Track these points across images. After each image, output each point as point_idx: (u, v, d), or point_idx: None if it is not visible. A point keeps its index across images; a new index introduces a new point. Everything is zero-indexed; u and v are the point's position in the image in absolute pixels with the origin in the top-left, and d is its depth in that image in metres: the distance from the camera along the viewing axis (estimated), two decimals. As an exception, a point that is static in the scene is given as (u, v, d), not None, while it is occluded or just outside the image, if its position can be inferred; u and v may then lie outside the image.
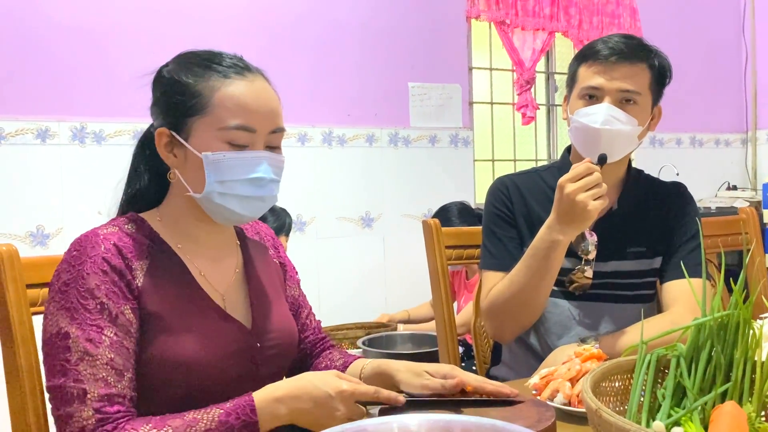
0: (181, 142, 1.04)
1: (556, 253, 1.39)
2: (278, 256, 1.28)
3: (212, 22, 2.92)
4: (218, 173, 1.03)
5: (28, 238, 2.58)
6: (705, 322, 0.83)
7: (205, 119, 1.03)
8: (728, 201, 4.18)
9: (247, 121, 1.03)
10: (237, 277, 1.15)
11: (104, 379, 0.94)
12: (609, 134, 1.42)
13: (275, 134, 1.08)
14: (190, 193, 1.06)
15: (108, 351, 0.95)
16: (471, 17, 3.60)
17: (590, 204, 1.32)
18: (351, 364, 1.22)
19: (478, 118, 3.75)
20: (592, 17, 3.96)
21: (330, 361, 1.26)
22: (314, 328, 1.31)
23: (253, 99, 1.04)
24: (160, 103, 1.08)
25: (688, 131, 4.39)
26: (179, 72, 1.06)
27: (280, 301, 1.21)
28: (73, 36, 2.66)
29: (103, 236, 1.02)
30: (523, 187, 1.59)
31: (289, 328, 1.19)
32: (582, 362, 1.07)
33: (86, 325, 0.95)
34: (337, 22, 3.24)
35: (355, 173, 3.30)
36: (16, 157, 2.57)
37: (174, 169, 1.07)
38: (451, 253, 1.74)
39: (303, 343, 1.28)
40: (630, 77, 1.44)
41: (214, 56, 1.08)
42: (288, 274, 1.28)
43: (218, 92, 1.03)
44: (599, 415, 0.72)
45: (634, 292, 1.55)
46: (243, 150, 1.04)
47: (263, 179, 1.05)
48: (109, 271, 0.99)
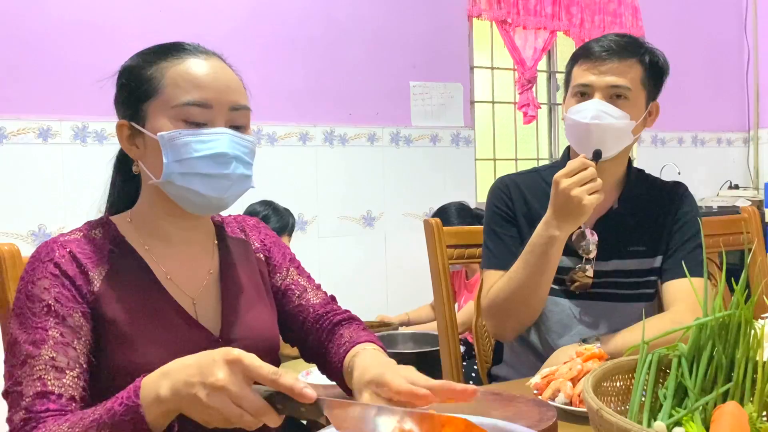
0: (139, 129, 1.01)
1: (554, 249, 1.39)
2: (264, 249, 1.20)
3: (214, 21, 2.92)
4: (175, 152, 0.98)
5: (30, 237, 2.59)
6: (706, 322, 0.83)
7: (158, 100, 1.00)
8: (730, 200, 4.18)
9: (200, 96, 0.99)
10: (211, 279, 1.09)
11: (40, 378, 0.91)
12: (599, 129, 1.43)
13: (237, 112, 1.02)
14: (152, 180, 1.01)
15: (50, 350, 0.92)
16: (472, 16, 3.60)
17: (585, 199, 1.32)
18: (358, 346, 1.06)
19: (480, 117, 3.75)
20: (593, 16, 3.96)
21: (337, 347, 1.10)
22: (312, 305, 1.17)
23: (205, 74, 1.01)
24: (117, 96, 1.06)
25: (689, 130, 4.38)
26: (133, 62, 1.05)
27: (259, 305, 1.13)
28: (75, 35, 2.66)
29: (61, 243, 1.01)
30: (524, 187, 1.60)
31: (265, 335, 1.11)
32: (583, 362, 1.07)
33: (31, 329, 0.93)
34: (338, 21, 3.24)
35: (357, 172, 3.30)
36: (18, 156, 2.58)
37: (137, 160, 1.04)
38: (452, 252, 1.74)
39: (304, 326, 1.16)
40: (619, 72, 1.44)
41: (173, 45, 1.05)
42: (274, 262, 1.20)
43: (169, 71, 1.01)
44: (600, 415, 0.72)
45: (635, 291, 1.55)
46: (200, 127, 0.99)
47: (225, 155, 0.99)
48: (59, 275, 0.97)
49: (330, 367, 1.12)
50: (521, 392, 1.05)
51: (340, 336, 1.12)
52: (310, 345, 1.16)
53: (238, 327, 1.07)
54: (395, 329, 2.76)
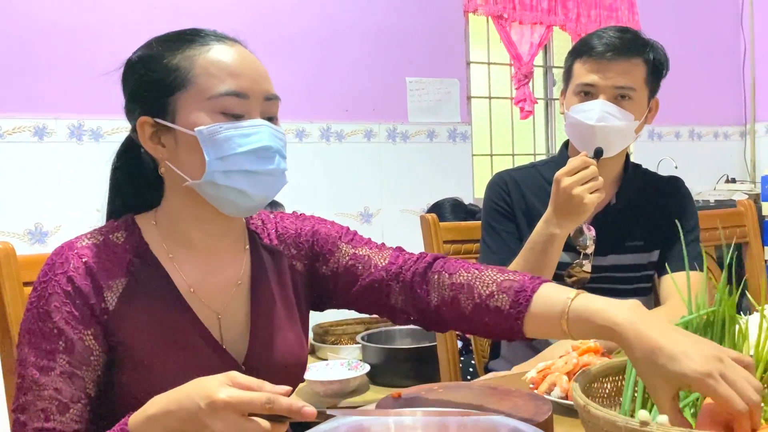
0: (168, 126, 0.92)
1: (554, 247, 1.39)
2: (301, 253, 1.08)
3: (209, 18, 2.91)
4: (217, 149, 0.90)
5: (27, 236, 2.58)
6: (692, 319, 0.84)
7: (190, 92, 0.91)
8: (727, 194, 4.18)
9: (237, 86, 0.91)
10: (239, 291, 1.01)
11: (44, 411, 0.88)
12: (604, 131, 1.42)
13: (270, 102, 0.95)
14: (188, 182, 0.93)
15: (56, 380, 0.88)
16: (468, 11, 3.59)
17: (587, 197, 1.32)
18: (544, 287, 0.94)
19: (476, 113, 3.75)
20: (590, 10, 3.95)
21: (475, 272, 0.99)
22: (384, 268, 1.04)
23: (238, 62, 0.93)
24: (134, 91, 0.95)
25: (686, 124, 4.38)
26: (150, 52, 0.95)
27: (289, 324, 1.05)
28: (70, 33, 2.66)
29: (77, 251, 0.93)
30: (522, 182, 1.60)
31: (293, 359, 1.03)
32: (579, 355, 1.07)
33: (39, 351, 0.89)
34: (334, 17, 3.23)
35: (354, 169, 3.30)
36: (14, 154, 2.57)
37: (165, 161, 0.94)
38: (449, 248, 1.74)
39: (385, 292, 1.04)
40: (625, 73, 1.44)
41: (187, 30, 0.96)
42: (324, 250, 1.07)
43: (198, 59, 0.92)
44: (587, 410, 0.73)
45: (632, 285, 1.56)
46: (239, 120, 0.91)
47: (270, 148, 0.92)
48: (72, 292, 0.91)
49: (446, 313, 1.00)
50: (517, 386, 1.05)
51: (448, 277, 1.01)
52: (401, 306, 1.04)
53: (265, 353, 1.00)
54: (393, 325, 2.76)
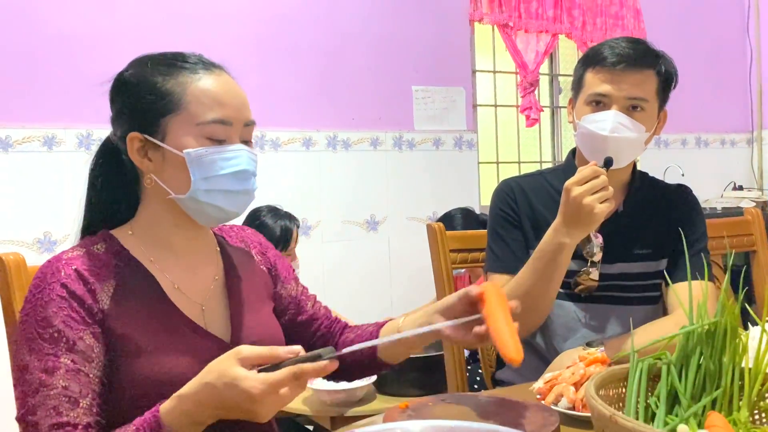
0: (157, 143, 1.02)
1: (562, 256, 1.39)
2: (266, 261, 1.25)
3: (216, 28, 2.93)
4: (202, 170, 1.02)
5: (36, 245, 2.60)
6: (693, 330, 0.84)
7: (181, 116, 1.02)
8: (734, 201, 4.17)
9: (223, 114, 1.03)
10: (216, 286, 1.12)
11: (55, 408, 0.92)
12: (617, 141, 1.42)
13: (248, 127, 1.07)
14: (171, 195, 1.04)
15: (62, 379, 0.93)
16: (474, 20, 3.61)
17: (597, 207, 1.32)
18: (386, 324, 1.21)
19: (482, 121, 3.75)
20: (595, 18, 3.96)
21: (359, 329, 1.26)
22: (324, 315, 1.29)
23: (225, 92, 1.04)
24: (126, 108, 1.06)
25: (693, 131, 4.38)
26: (144, 73, 1.05)
27: (264, 310, 1.18)
28: (79, 44, 2.68)
29: (66, 261, 1.01)
30: (528, 190, 1.60)
31: (272, 338, 1.15)
32: (586, 366, 1.07)
33: (42, 355, 0.94)
34: (340, 26, 3.25)
35: (360, 177, 3.30)
36: (23, 164, 2.59)
37: (150, 174, 1.05)
38: (456, 256, 1.75)
39: (319, 330, 1.26)
40: (638, 84, 1.44)
41: (176, 55, 1.07)
42: (281, 276, 1.25)
43: (190, 87, 1.03)
44: (615, 421, 0.71)
45: (640, 294, 1.55)
46: (222, 144, 1.03)
47: (246, 171, 1.05)
48: (67, 296, 0.97)
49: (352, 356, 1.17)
50: (524, 397, 1.05)
51: (353, 329, 1.27)
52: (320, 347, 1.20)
53: (247, 331, 1.10)
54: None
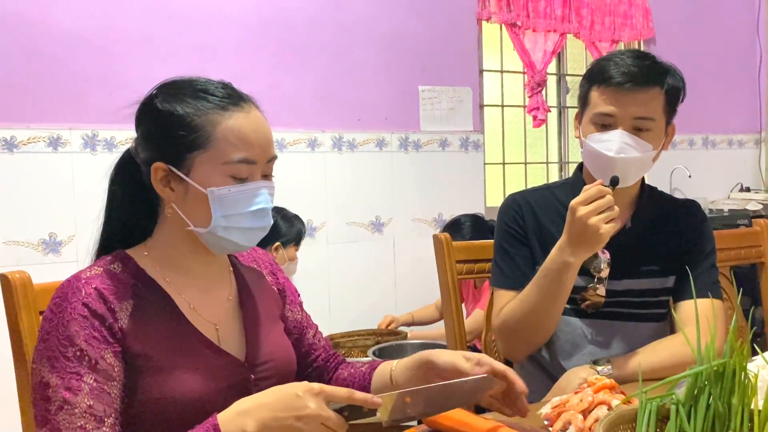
0: (182, 177, 1.04)
1: (568, 275, 1.38)
2: (276, 282, 1.27)
3: (222, 29, 2.92)
4: (223, 208, 1.04)
5: (41, 246, 2.60)
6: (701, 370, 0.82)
7: (208, 154, 1.03)
8: (741, 203, 4.15)
9: (249, 154, 1.05)
10: (230, 305, 1.14)
11: (83, 428, 0.93)
12: (623, 162, 1.41)
13: (270, 163, 1.10)
14: (190, 227, 1.06)
15: (87, 398, 0.94)
16: (482, 19, 3.58)
17: (602, 227, 1.31)
18: (379, 366, 1.21)
19: (489, 121, 3.73)
20: (604, 18, 3.93)
21: (353, 368, 1.26)
22: (323, 347, 1.30)
23: (252, 131, 1.05)
24: (153, 136, 1.07)
25: (700, 132, 4.35)
26: (173, 104, 1.05)
27: (277, 329, 1.20)
28: (84, 44, 2.66)
29: (85, 280, 1.02)
30: (536, 205, 1.59)
31: (285, 357, 1.17)
32: (594, 393, 1.06)
33: (65, 373, 0.95)
34: (346, 26, 3.23)
35: (366, 178, 3.29)
36: (28, 164, 2.58)
37: (172, 203, 1.06)
38: (462, 267, 1.74)
39: (316, 362, 1.28)
40: (644, 104, 1.42)
41: (205, 86, 1.07)
42: (288, 299, 1.27)
43: (220, 126, 1.04)
44: None
45: (647, 310, 1.54)
46: (244, 183, 1.05)
47: (264, 209, 1.07)
48: (89, 316, 0.98)
49: None
50: (531, 423, 1.04)
51: (347, 367, 1.27)
52: (314, 379, 1.21)
53: (262, 351, 1.12)
54: (404, 338, 2.76)
